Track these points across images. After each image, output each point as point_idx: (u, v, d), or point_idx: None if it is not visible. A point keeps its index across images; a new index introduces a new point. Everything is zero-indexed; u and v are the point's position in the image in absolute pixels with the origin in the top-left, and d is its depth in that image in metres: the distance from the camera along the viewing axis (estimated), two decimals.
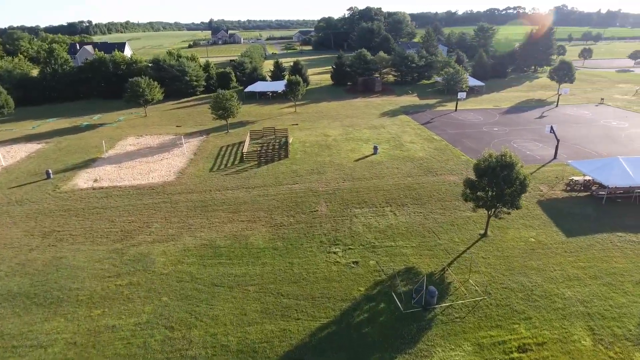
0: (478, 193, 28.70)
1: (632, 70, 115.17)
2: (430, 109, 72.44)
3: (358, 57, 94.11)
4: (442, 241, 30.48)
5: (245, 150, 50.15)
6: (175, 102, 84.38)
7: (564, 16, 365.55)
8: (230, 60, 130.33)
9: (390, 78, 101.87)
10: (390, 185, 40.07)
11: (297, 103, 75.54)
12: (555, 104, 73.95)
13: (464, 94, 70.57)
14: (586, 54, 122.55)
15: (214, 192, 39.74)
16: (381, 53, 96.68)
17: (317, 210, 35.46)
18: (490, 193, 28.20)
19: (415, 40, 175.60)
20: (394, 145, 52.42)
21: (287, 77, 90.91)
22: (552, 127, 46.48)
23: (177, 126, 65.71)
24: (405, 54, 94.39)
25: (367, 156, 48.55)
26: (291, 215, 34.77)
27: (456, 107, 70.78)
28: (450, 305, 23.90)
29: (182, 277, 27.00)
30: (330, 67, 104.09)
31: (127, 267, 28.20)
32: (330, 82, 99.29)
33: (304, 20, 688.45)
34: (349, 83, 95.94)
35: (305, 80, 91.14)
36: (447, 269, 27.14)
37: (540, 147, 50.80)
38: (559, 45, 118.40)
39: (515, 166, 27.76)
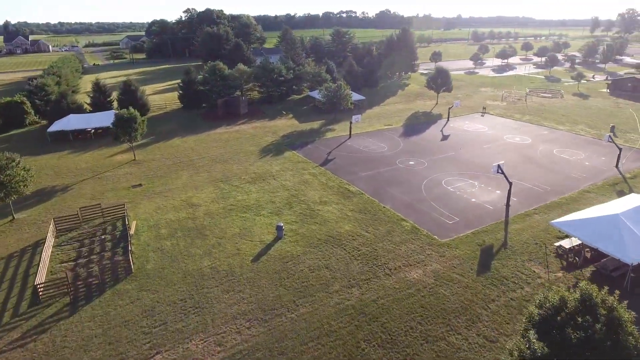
0: None
1: (477, 72, 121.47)
2: (319, 137, 57.49)
3: (212, 71, 73.59)
4: None
5: (40, 278, 26.30)
6: None
7: (389, 19, 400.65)
8: (28, 80, 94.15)
9: (255, 94, 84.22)
10: (333, 320, 22.95)
11: (135, 144, 51.81)
12: (447, 118, 67.14)
13: (359, 116, 57.55)
14: (437, 57, 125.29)
15: None
16: (240, 65, 78.00)
17: None
18: None
19: (267, 45, 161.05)
20: (301, 212, 35.30)
21: (116, 106, 65.84)
22: (499, 167, 35.84)
23: None
24: (270, 66, 77.81)
25: (269, 245, 30.41)
26: None
27: (350, 132, 57.39)
28: None
29: None
30: (175, 83, 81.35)
31: None
32: (178, 104, 76.51)
33: (131, 22, 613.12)
34: (204, 105, 74.81)
35: (145, 107, 67.16)
36: None
37: (478, 186, 40.25)
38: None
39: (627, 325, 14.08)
